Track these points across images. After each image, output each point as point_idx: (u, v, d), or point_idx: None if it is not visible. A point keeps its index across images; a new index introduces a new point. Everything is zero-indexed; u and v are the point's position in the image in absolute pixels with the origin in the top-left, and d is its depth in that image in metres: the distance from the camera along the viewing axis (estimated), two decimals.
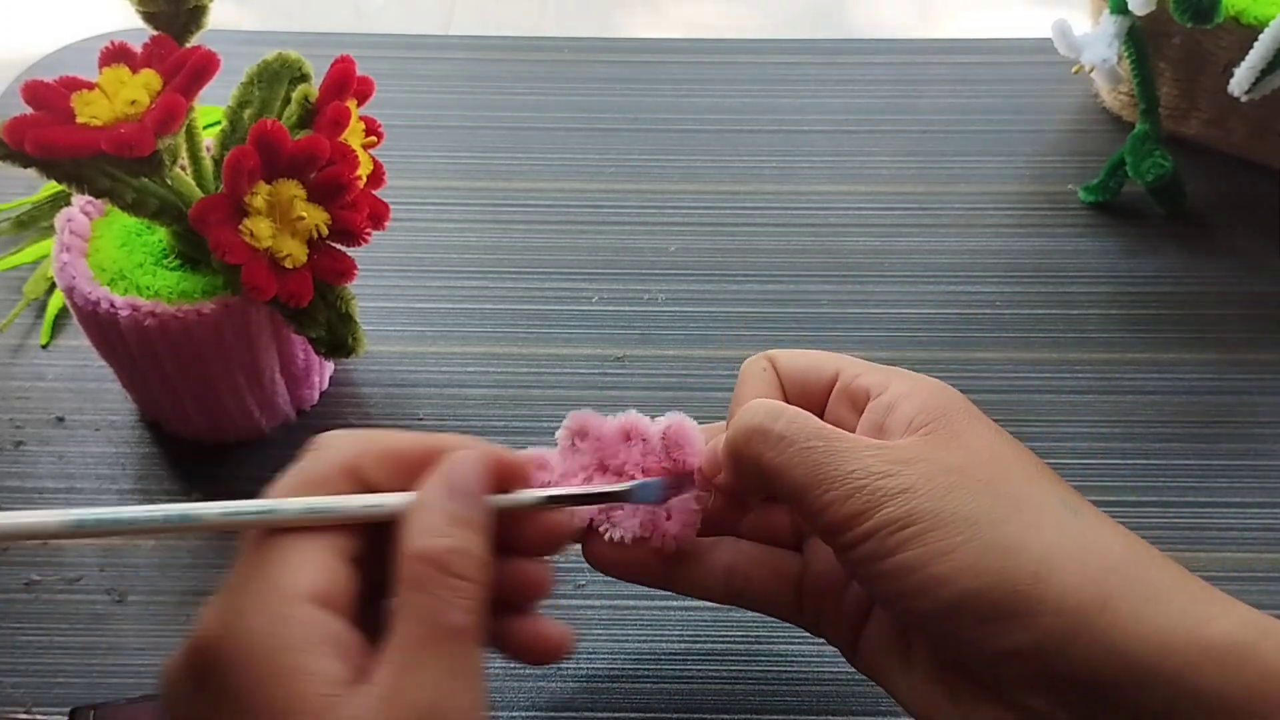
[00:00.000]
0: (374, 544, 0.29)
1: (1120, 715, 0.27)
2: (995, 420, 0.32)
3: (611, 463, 0.34)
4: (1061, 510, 0.29)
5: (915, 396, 0.31)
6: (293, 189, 0.39)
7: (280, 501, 0.28)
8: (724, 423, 0.35)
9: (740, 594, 0.35)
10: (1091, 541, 0.28)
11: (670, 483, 0.33)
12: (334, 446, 0.30)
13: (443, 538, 0.28)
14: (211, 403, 0.44)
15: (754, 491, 0.33)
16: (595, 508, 0.33)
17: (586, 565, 0.42)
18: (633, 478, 0.33)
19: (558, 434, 0.34)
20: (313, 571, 0.27)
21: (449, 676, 0.26)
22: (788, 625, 0.40)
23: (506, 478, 0.31)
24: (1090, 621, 0.27)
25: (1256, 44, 0.50)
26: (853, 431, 0.32)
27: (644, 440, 0.33)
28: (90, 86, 0.38)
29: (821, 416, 0.33)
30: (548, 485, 0.34)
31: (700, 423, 0.35)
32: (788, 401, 0.34)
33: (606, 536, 0.33)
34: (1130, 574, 0.28)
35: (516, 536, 0.31)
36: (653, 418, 0.34)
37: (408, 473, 0.30)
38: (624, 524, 0.33)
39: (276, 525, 0.28)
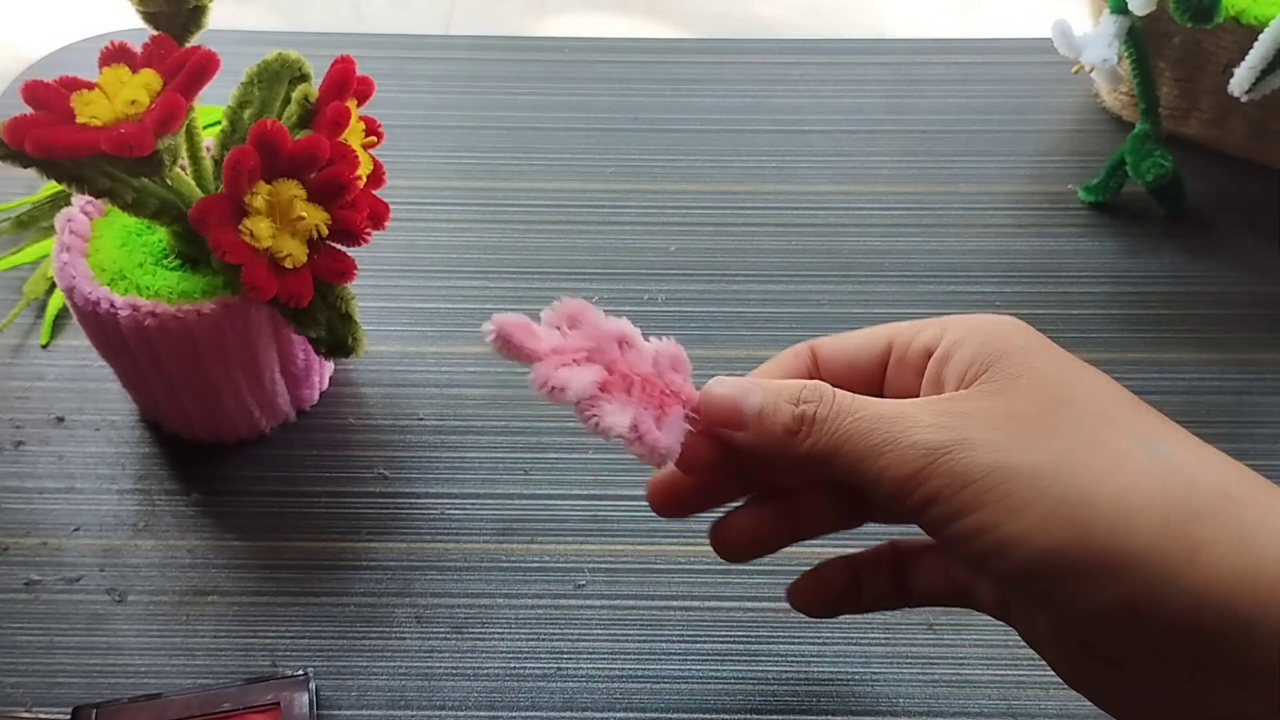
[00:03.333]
0: None
1: (1228, 675, 0.25)
2: None
3: (602, 358, 0.31)
4: (1141, 451, 0.26)
5: (968, 343, 0.29)
6: (293, 189, 0.39)
7: None
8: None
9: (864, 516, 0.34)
10: (1176, 483, 0.26)
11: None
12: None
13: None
14: (211, 403, 0.44)
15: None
16: (587, 395, 0.31)
17: (586, 565, 0.42)
18: (624, 375, 0.31)
19: (544, 313, 0.31)
20: None
21: None
22: (787, 625, 0.41)
23: None
24: (1179, 574, 0.25)
25: (1256, 44, 0.50)
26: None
27: (636, 350, 0.32)
28: (90, 86, 0.38)
29: (881, 394, 0.32)
30: (536, 355, 0.31)
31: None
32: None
33: (592, 424, 0.31)
34: (1222, 517, 0.25)
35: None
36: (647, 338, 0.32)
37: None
38: (611, 417, 0.31)
39: None
